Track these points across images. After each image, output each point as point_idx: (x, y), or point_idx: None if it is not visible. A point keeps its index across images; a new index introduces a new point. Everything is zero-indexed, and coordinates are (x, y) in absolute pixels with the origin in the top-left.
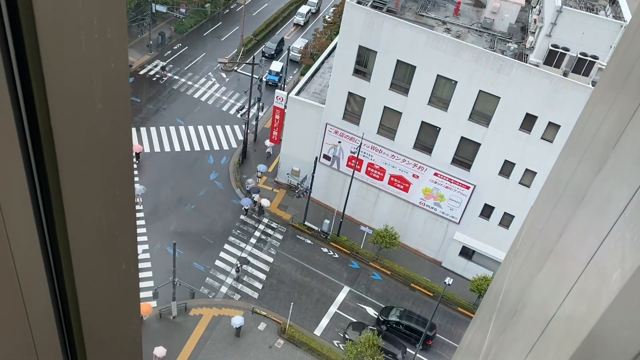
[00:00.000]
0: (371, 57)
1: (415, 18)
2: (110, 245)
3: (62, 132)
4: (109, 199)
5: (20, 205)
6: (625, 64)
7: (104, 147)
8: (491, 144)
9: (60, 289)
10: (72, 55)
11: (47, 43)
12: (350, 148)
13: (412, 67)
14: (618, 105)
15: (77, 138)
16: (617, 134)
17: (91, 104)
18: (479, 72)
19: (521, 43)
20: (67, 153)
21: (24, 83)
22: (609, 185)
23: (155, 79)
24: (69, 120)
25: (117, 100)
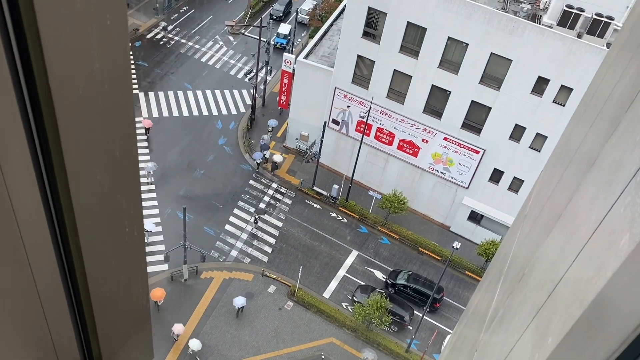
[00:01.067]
0: (381, 19)
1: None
2: (114, 208)
3: (60, 91)
4: (109, 160)
5: (23, 167)
6: None
7: (103, 107)
8: (502, 108)
9: (67, 254)
10: (67, 10)
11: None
12: (359, 112)
13: (423, 29)
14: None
15: (75, 98)
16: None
17: (88, 63)
18: (491, 34)
19: (535, 4)
20: (66, 114)
21: (19, 41)
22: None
23: (162, 43)
24: (66, 80)
25: (115, 59)
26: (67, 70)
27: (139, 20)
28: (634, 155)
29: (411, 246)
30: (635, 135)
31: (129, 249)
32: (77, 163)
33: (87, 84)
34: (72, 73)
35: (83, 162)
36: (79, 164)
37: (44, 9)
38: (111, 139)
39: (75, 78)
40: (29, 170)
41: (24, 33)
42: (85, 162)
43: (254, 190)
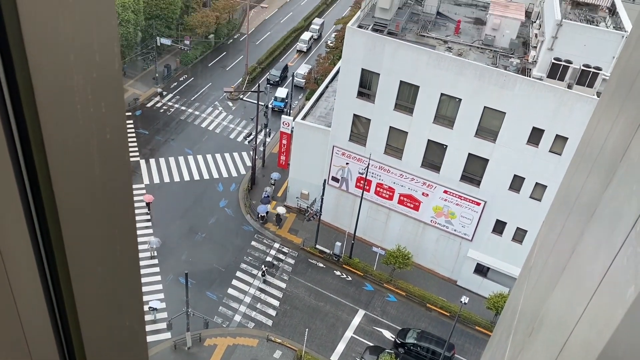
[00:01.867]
0: (374, 79)
1: (416, 39)
2: (116, 308)
3: (61, 192)
4: (110, 257)
5: (25, 262)
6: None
7: (104, 203)
8: (499, 159)
9: (67, 342)
10: (71, 128)
11: (46, 122)
12: (358, 169)
13: (416, 87)
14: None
15: (76, 203)
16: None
17: (90, 169)
18: (483, 88)
19: (523, 58)
20: (66, 205)
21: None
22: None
23: (163, 111)
24: (68, 179)
25: (116, 166)
26: (69, 177)
27: (139, 90)
28: (632, 205)
29: (419, 302)
30: (631, 185)
31: (131, 345)
32: (78, 258)
33: (88, 187)
34: (74, 177)
35: (85, 259)
36: (80, 259)
37: (50, 130)
38: (112, 238)
39: (78, 183)
40: (32, 265)
41: (30, 144)
42: (87, 258)
43: (256, 252)
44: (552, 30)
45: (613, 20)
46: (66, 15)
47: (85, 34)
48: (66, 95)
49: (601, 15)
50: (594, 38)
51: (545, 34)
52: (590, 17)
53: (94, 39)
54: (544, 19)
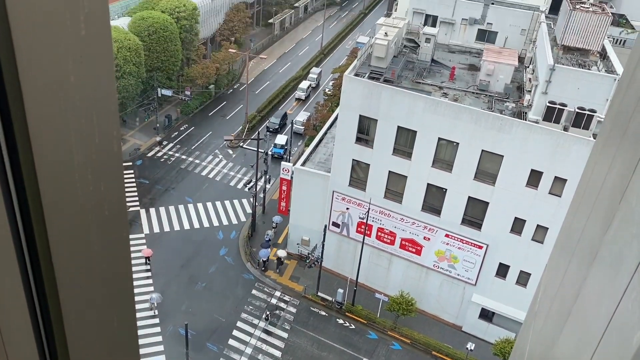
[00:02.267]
0: (372, 125)
1: (412, 85)
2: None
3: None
4: (108, 330)
5: (21, 320)
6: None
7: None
8: (499, 202)
9: None
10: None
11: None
12: (358, 214)
13: (413, 132)
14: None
15: (74, 270)
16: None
17: (88, 246)
18: (480, 132)
19: (518, 102)
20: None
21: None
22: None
23: (163, 160)
24: (67, 254)
25: (115, 243)
26: (67, 252)
27: (140, 140)
28: (633, 248)
29: (424, 350)
30: (631, 228)
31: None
32: (73, 311)
33: (85, 266)
34: (74, 262)
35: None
36: (75, 312)
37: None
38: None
39: (76, 259)
40: (27, 324)
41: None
42: (83, 339)
43: (257, 301)
44: (545, 75)
45: (604, 64)
46: (68, 101)
47: (87, 119)
48: (67, 175)
49: (592, 60)
50: (587, 81)
51: (538, 79)
52: (582, 62)
53: (94, 123)
54: (537, 64)
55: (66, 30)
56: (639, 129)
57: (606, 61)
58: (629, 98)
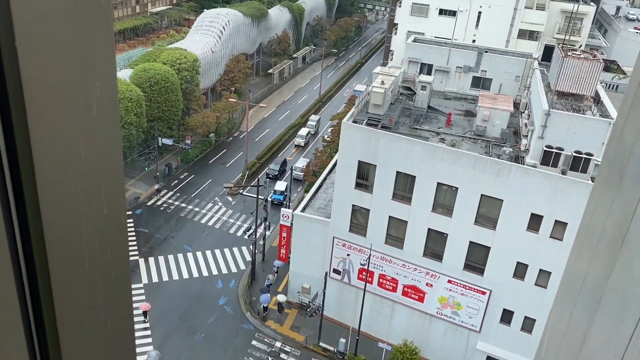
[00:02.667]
0: (371, 170)
1: (409, 131)
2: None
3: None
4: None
5: None
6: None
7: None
8: (501, 246)
9: None
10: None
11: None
12: (359, 260)
13: (412, 177)
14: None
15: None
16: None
17: (94, 313)
18: (478, 177)
19: (515, 146)
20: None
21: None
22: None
23: (163, 209)
24: (73, 323)
25: (120, 309)
26: (74, 322)
27: (140, 189)
28: (636, 294)
29: None
30: (633, 273)
31: None
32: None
33: (91, 333)
34: (80, 332)
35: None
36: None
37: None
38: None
39: (82, 327)
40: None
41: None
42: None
43: (257, 352)
44: (541, 120)
45: (599, 109)
46: (79, 177)
47: (96, 192)
48: (75, 245)
49: (587, 104)
50: (582, 126)
51: (534, 123)
52: (576, 106)
53: (102, 196)
54: (532, 109)
55: (80, 112)
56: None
57: (600, 106)
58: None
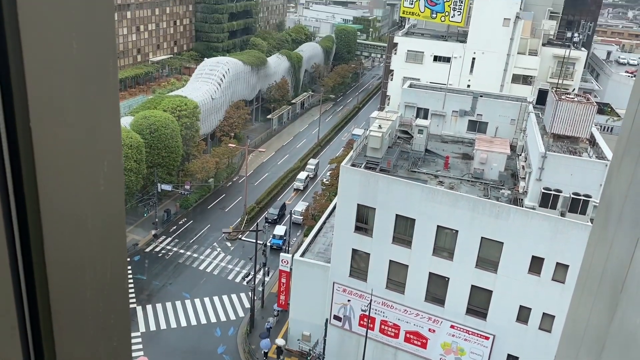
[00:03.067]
0: (370, 214)
1: (408, 174)
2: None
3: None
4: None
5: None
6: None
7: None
8: (503, 290)
9: None
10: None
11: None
12: (360, 306)
13: (412, 220)
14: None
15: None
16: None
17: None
18: (478, 219)
19: (514, 189)
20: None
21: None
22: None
23: (161, 255)
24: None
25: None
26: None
27: (138, 236)
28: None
29: None
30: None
31: None
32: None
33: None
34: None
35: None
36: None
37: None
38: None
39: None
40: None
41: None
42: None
43: None
44: (538, 162)
45: (595, 151)
46: (84, 244)
47: (102, 264)
48: (79, 309)
49: (583, 147)
50: (579, 167)
51: (531, 166)
52: (572, 149)
53: (107, 263)
54: (529, 152)
55: (88, 189)
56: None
57: (596, 147)
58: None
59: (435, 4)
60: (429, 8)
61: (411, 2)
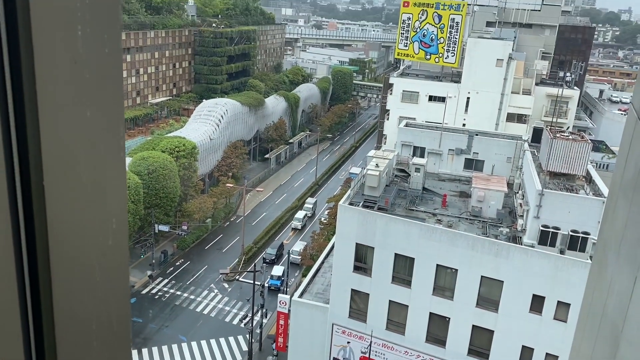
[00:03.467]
0: (369, 253)
1: (406, 213)
2: None
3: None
4: None
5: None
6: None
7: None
8: (504, 329)
9: None
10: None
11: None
12: (360, 348)
13: (411, 259)
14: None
15: None
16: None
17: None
18: (477, 258)
19: (512, 226)
20: None
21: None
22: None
23: (158, 297)
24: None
25: None
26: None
27: (135, 277)
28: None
29: None
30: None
31: None
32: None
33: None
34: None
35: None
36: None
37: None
38: None
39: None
40: None
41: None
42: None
43: None
44: (535, 200)
45: (591, 188)
46: (91, 297)
47: (107, 313)
48: (84, 350)
49: (579, 184)
50: (576, 205)
51: (529, 203)
52: (569, 186)
53: (112, 315)
54: (526, 190)
55: (97, 243)
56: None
57: (592, 185)
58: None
59: (429, 46)
60: (423, 50)
61: (405, 44)
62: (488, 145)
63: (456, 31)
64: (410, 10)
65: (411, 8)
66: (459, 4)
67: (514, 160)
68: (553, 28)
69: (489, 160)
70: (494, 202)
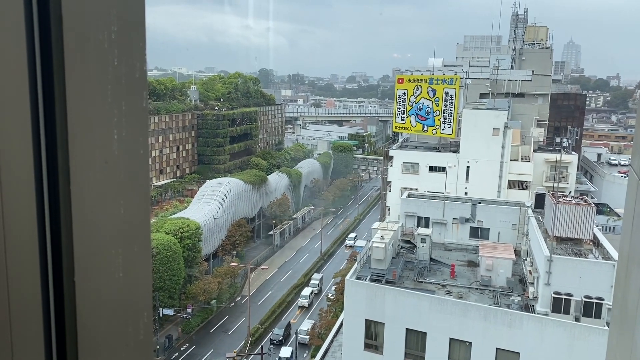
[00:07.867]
0: (379, 329)
1: (414, 285)
2: None
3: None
4: None
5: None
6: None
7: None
8: None
9: None
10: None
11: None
12: None
13: (423, 334)
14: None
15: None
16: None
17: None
18: (491, 329)
19: (523, 295)
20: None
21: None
22: None
23: None
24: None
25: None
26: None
27: None
28: None
29: None
30: None
31: None
32: None
33: None
34: None
35: None
36: None
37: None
38: None
39: None
40: None
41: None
42: None
43: None
44: (544, 266)
45: (600, 251)
46: (103, 312)
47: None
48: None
49: (587, 248)
50: (586, 270)
51: (539, 270)
52: (577, 251)
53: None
54: (534, 256)
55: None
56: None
57: (601, 248)
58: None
59: (425, 119)
60: (420, 123)
61: (402, 118)
62: (492, 213)
63: (451, 103)
64: (405, 87)
65: (405, 84)
66: (452, 77)
67: (519, 227)
68: (545, 96)
69: (494, 228)
70: (503, 270)
